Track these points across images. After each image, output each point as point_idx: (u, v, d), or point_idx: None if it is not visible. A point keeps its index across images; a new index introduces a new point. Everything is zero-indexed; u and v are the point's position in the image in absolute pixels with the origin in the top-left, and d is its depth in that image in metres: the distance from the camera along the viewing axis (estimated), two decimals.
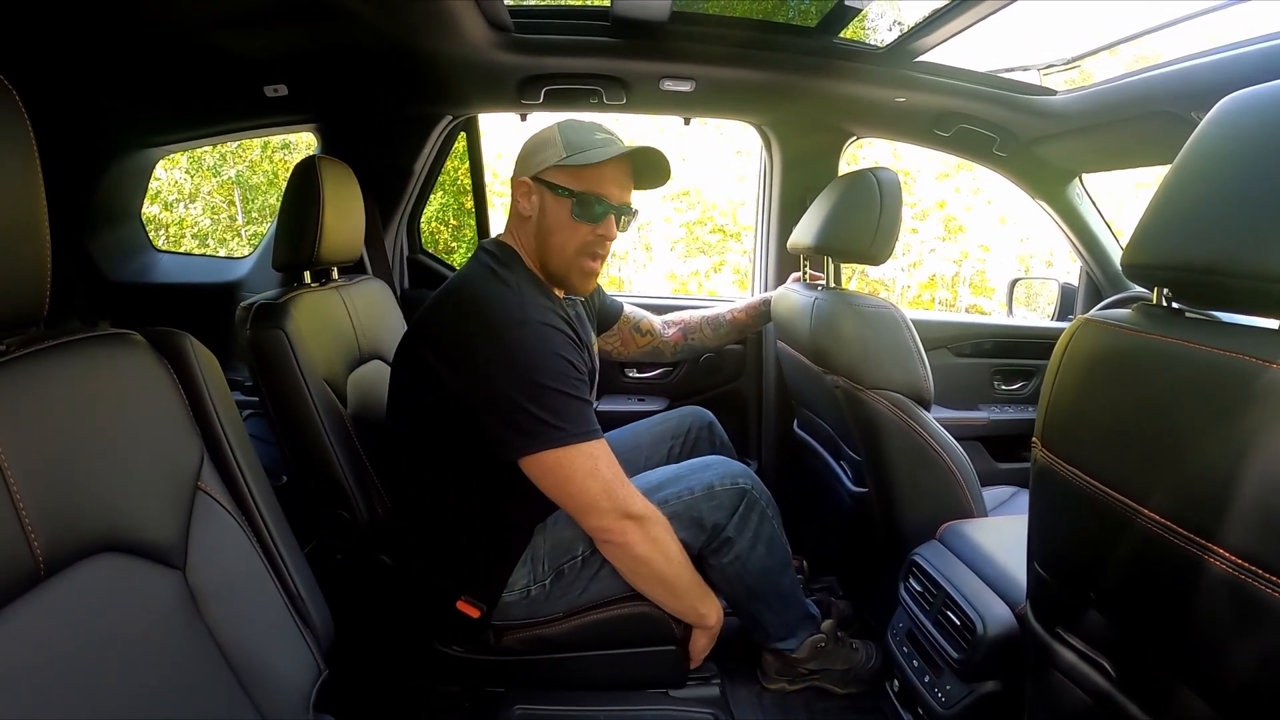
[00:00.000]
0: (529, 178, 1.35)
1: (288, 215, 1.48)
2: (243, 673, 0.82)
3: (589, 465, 1.26)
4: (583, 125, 1.36)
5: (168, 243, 6.85)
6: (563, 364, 1.25)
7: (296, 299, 1.44)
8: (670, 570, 1.36)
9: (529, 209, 1.36)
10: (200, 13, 1.45)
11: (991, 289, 7.54)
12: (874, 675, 1.65)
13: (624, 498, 1.29)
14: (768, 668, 1.66)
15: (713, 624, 1.44)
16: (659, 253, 7.73)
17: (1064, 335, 0.90)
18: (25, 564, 0.63)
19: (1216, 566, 0.65)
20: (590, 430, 1.26)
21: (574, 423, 1.24)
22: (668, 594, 1.39)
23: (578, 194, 1.32)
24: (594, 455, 1.26)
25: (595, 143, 1.33)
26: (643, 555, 1.32)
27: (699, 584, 1.42)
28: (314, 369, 1.41)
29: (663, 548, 1.33)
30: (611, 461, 1.29)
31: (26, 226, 0.65)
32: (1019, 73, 1.96)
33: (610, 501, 1.28)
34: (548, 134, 1.35)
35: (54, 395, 0.69)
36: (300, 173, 1.47)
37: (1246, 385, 0.64)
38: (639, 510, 1.30)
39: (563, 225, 1.34)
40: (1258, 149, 0.69)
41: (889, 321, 1.49)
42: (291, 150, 6.84)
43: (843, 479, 1.74)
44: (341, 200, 1.51)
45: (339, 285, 1.65)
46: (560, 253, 1.36)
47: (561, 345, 1.27)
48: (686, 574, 1.39)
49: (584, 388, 1.29)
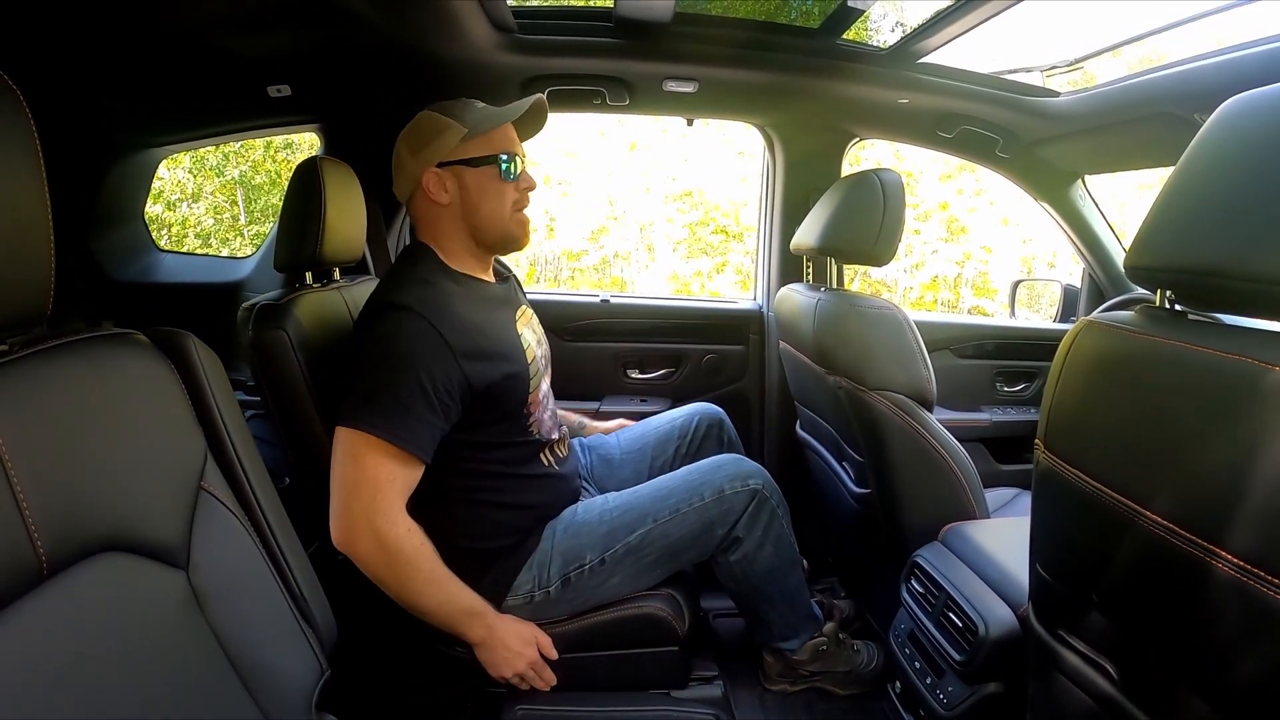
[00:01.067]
0: (435, 167, 1.37)
1: (289, 216, 1.48)
2: (245, 673, 0.82)
3: (363, 455, 1.20)
4: (458, 104, 1.41)
5: (171, 242, 6.86)
6: (410, 359, 1.22)
7: (298, 299, 1.44)
8: (407, 599, 1.28)
9: (446, 196, 1.38)
10: (204, 14, 1.45)
11: (994, 290, 7.54)
12: (875, 677, 1.65)
13: (375, 510, 1.21)
14: (769, 669, 1.65)
15: (485, 643, 1.33)
16: (661, 253, 7.73)
17: (1067, 337, 0.90)
18: (28, 563, 0.63)
19: (1220, 569, 0.65)
20: (391, 433, 1.19)
21: (378, 413, 1.20)
22: (413, 612, 1.30)
23: (496, 157, 1.38)
24: (377, 451, 1.20)
25: (483, 112, 1.40)
26: (374, 576, 1.25)
27: (450, 612, 1.31)
28: (316, 369, 1.41)
29: (399, 579, 1.25)
30: (393, 472, 1.22)
31: (30, 226, 0.65)
32: (1022, 74, 1.96)
33: (359, 505, 1.21)
34: (432, 123, 1.38)
35: (57, 395, 0.69)
36: (302, 173, 1.47)
37: (1250, 388, 0.64)
38: (382, 530, 1.21)
39: (491, 191, 1.38)
40: (1261, 151, 0.69)
41: (892, 323, 1.49)
42: (294, 150, 6.84)
43: (845, 480, 1.74)
44: (343, 200, 1.51)
45: (341, 286, 1.65)
46: (496, 217, 1.40)
47: (428, 348, 1.23)
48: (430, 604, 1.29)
49: (416, 394, 1.21)
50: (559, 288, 7.92)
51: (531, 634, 1.37)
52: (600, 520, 1.42)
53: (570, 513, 1.46)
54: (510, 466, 1.38)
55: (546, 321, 2.27)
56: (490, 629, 1.33)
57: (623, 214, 7.84)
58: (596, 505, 1.46)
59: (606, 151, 7.85)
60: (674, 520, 1.39)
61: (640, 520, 1.40)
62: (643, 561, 1.40)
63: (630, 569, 1.39)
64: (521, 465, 1.41)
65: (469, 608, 1.32)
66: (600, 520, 1.42)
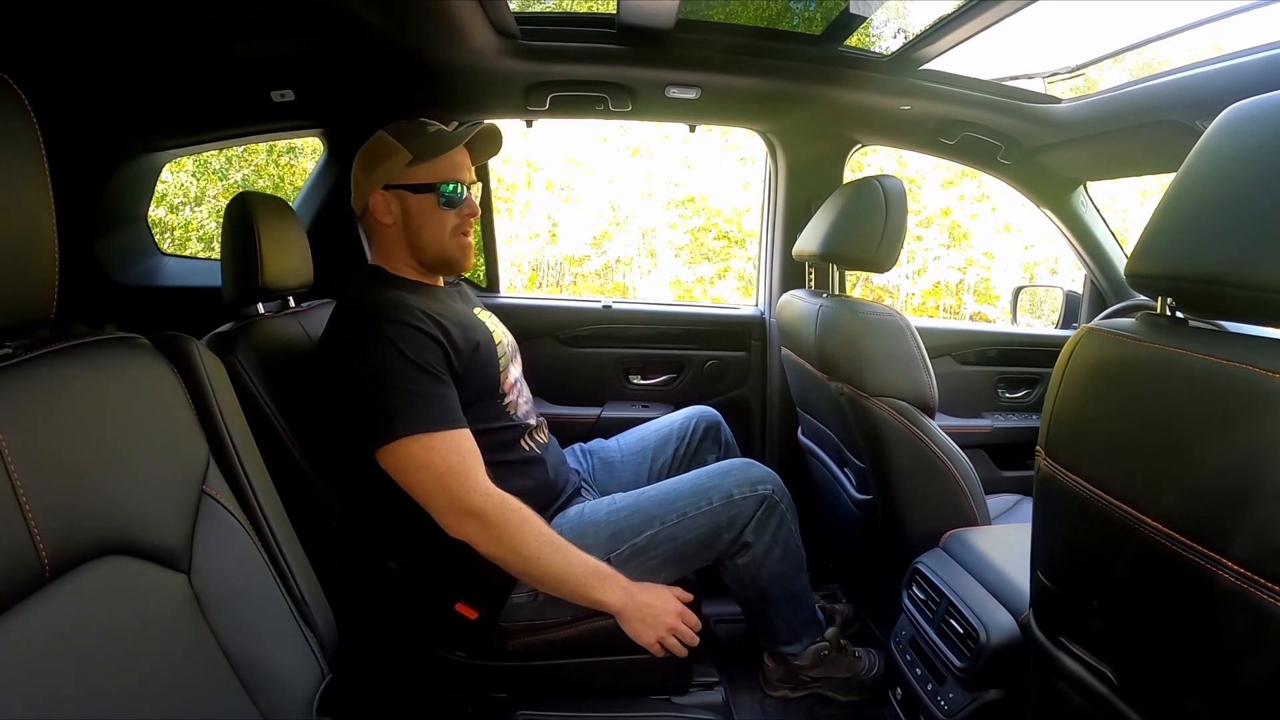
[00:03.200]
0: (381, 189, 1.42)
1: (228, 252, 1.48)
2: (246, 676, 0.82)
3: (422, 457, 1.26)
4: (412, 125, 1.46)
5: (173, 246, 6.87)
6: (392, 356, 1.26)
7: (250, 327, 1.44)
8: (531, 569, 1.31)
9: (390, 217, 1.44)
10: (207, 17, 1.45)
11: (996, 296, 7.53)
12: (876, 683, 1.64)
13: (461, 492, 1.27)
14: (770, 675, 1.65)
15: (623, 613, 1.34)
16: (663, 259, 7.73)
17: (1068, 344, 0.90)
18: (31, 565, 0.63)
19: (1221, 577, 0.65)
20: (425, 422, 1.26)
21: (404, 415, 1.25)
22: (541, 585, 1.34)
23: (437, 185, 1.43)
24: (429, 446, 1.26)
25: (432, 137, 1.44)
26: (491, 554, 1.30)
27: (579, 574, 1.32)
28: (276, 393, 1.41)
29: (513, 547, 1.29)
30: (453, 451, 1.27)
31: (34, 229, 0.65)
32: (1024, 81, 1.96)
33: (446, 496, 1.27)
34: (382, 145, 1.44)
35: (60, 398, 0.69)
36: (233, 210, 1.47)
37: (1251, 395, 0.64)
38: (477, 506, 1.27)
39: (431, 217, 1.44)
40: (1262, 158, 0.69)
41: (894, 329, 1.49)
42: (297, 154, 6.86)
43: (846, 486, 1.74)
44: (278, 232, 1.51)
45: (297, 312, 1.66)
46: (436, 241, 1.45)
47: (397, 338, 1.28)
48: (554, 567, 1.31)
49: (420, 378, 1.28)
50: (561, 293, 7.93)
51: (667, 592, 1.39)
52: (607, 521, 1.42)
53: (576, 512, 1.46)
54: (493, 453, 1.37)
55: (548, 327, 2.28)
56: (627, 591, 1.35)
57: (625, 219, 7.86)
58: (604, 505, 1.46)
59: (608, 157, 7.87)
60: (681, 524, 1.39)
61: (647, 522, 1.40)
62: (649, 564, 1.40)
63: (636, 571, 1.39)
64: (504, 451, 1.42)
65: (597, 568, 1.34)
66: (607, 521, 1.42)
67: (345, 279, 1.52)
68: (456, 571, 1.38)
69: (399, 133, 1.44)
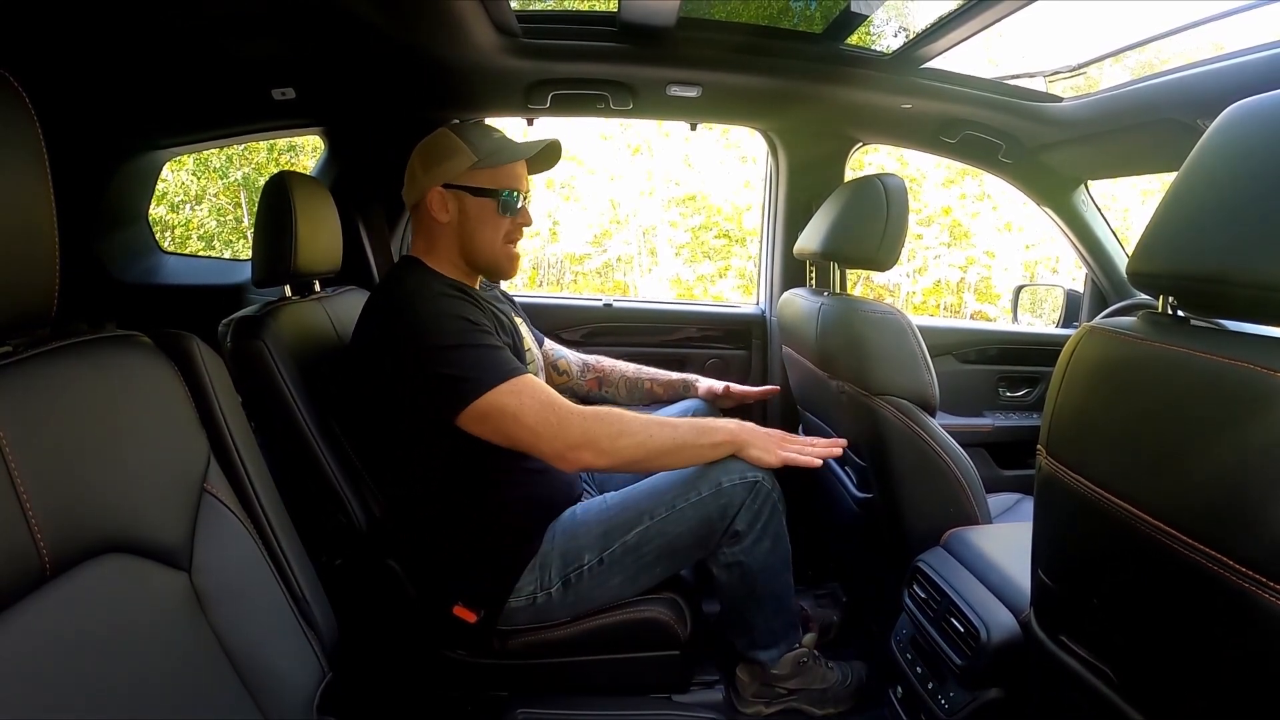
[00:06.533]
0: (441, 186, 1.43)
1: (262, 231, 1.49)
2: (246, 674, 0.82)
3: (514, 406, 1.28)
4: (478, 128, 1.49)
5: (174, 244, 6.88)
6: (458, 323, 1.31)
7: (277, 311, 1.45)
8: (651, 458, 1.36)
9: (447, 215, 1.45)
10: (208, 16, 1.45)
11: (997, 295, 7.54)
12: (852, 695, 1.60)
13: (556, 432, 1.29)
14: (743, 689, 1.57)
15: (738, 441, 1.38)
16: (664, 257, 7.74)
17: (1069, 343, 0.90)
18: (31, 563, 0.63)
19: (1223, 576, 0.65)
20: (504, 373, 1.29)
21: (484, 370, 1.28)
22: (666, 466, 1.40)
23: (499, 192, 1.43)
24: (516, 392, 1.29)
25: (498, 143, 1.46)
26: (611, 467, 1.36)
27: (688, 435, 1.37)
28: (299, 380, 1.42)
29: (628, 449, 1.32)
30: (536, 393, 1.30)
31: (35, 228, 0.65)
32: (1025, 79, 1.96)
33: (549, 440, 1.29)
34: (447, 143, 1.44)
35: (61, 396, 0.69)
36: (271, 190, 1.48)
37: (1252, 394, 0.64)
38: (577, 439, 1.29)
39: (488, 222, 1.45)
40: (1264, 157, 0.69)
41: (895, 327, 1.49)
42: (298, 153, 6.87)
43: (847, 484, 1.74)
44: (313, 213, 1.52)
45: (322, 297, 1.67)
46: (489, 245, 1.47)
47: (453, 307, 1.33)
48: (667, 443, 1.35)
49: (488, 337, 1.33)
50: (561, 291, 7.93)
51: (753, 425, 1.43)
52: (598, 520, 1.42)
53: (569, 514, 1.46)
54: (518, 459, 1.37)
55: (549, 325, 2.28)
56: (733, 433, 1.39)
57: (625, 218, 7.86)
58: (595, 505, 1.46)
59: (609, 155, 7.87)
60: (671, 517, 1.38)
61: (637, 519, 1.39)
62: (642, 560, 1.39)
63: (630, 569, 1.39)
64: (520, 458, 1.41)
65: (694, 422, 1.40)
66: (598, 520, 1.42)
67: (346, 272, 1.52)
68: (457, 571, 1.38)
69: (464, 134, 1.44)
